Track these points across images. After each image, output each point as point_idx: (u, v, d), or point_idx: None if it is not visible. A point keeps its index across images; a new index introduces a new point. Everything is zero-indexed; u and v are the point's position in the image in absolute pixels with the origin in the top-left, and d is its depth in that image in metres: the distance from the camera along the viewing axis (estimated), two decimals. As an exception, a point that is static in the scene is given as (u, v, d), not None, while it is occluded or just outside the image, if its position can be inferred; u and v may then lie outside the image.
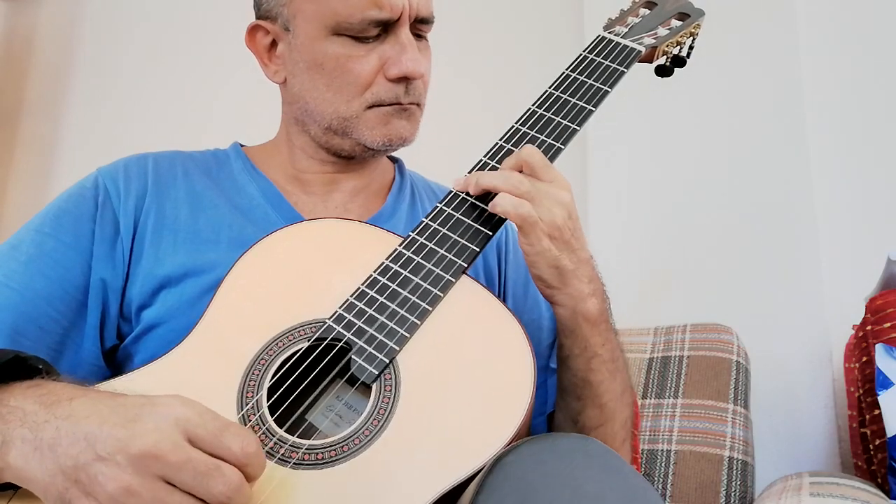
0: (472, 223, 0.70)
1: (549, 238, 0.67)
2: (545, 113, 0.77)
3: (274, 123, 0.92)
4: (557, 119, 0.76)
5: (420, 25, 0.82)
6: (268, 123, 0.93)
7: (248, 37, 0.85)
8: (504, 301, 0.89)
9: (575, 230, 0.70)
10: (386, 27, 0.79)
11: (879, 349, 1.01)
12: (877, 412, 0.99)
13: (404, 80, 0.79)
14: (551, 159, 0.73)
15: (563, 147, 0.74)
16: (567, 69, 0.80)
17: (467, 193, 0.72)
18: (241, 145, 0.91)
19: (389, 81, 0.79)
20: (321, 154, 0.86)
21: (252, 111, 1.19)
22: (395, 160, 0.97)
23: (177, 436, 0.48)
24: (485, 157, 0.75)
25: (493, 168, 0.74)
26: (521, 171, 0.70)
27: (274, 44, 0.84)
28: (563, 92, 0.78)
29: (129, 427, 0.49)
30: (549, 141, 0.74)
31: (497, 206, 0.68)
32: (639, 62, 0.83)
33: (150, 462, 0.47)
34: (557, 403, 0.79)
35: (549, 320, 0.89)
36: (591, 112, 0.76)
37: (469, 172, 0.74)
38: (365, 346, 0.63)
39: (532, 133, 0.75)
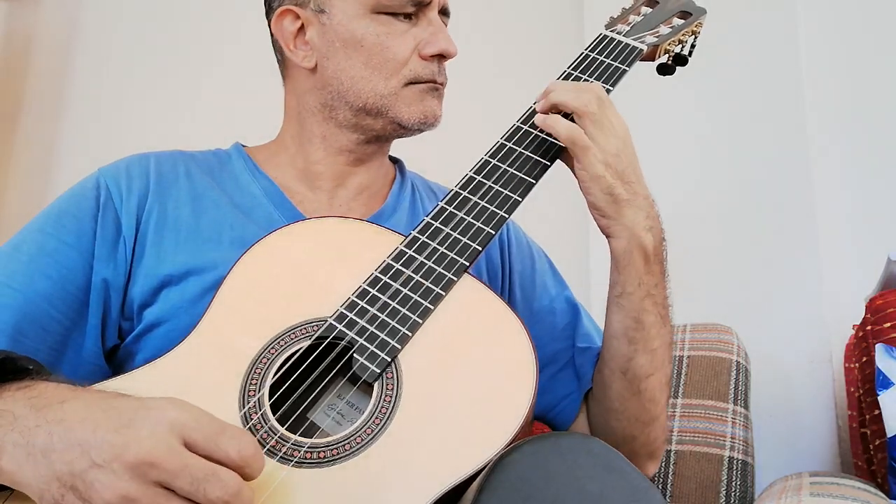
0: (473, 221, 0.70)
1: (603, 165, 0.69)
2: (547, 112, 0.76)
3: (276, 123, 0.92)
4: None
5: (441, 17, 0.86)
6: (269, 124, 0.93)
7: (274, 23, 0.86)
8: (512, 291, 0.90)
9: (631, 163, 0.72)
10: (419, 8, 0.83)
11: (879, 349, 1.01)
12: (877, 412, 0.99)
13: (438, 58, 0.83)
14: (552, 159, 0.74)
15: (564, 146, 0.74)
16: (569, 67, 0.80)
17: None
18: (243, 146, 0.91)
19: (424, 60, 0.82)
20: (342, 141, 0.86)
21: (253, 112, 1.19)
22: (395, 160, 0.97)
23: (172, 441, 0.48)
24: (485, 155, 0.75)
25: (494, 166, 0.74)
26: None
27: (302, 29, 0.84)
28: (565, 91, 0.78)
29: (123, 433, 0.48)
30: (551, 140, 0.74)
31: (551, 126, 0.71)
32: (640, 61, 0.83)
33: (146, 469, 0.47)
34: (604, 357, 0.79)
35: (563, 302, 0.90)
36: (592, 111, 0.76)
37: (470, 171, 0.74)
38: (367, 344, 0.63)
39: (535, 132, 0.75)
